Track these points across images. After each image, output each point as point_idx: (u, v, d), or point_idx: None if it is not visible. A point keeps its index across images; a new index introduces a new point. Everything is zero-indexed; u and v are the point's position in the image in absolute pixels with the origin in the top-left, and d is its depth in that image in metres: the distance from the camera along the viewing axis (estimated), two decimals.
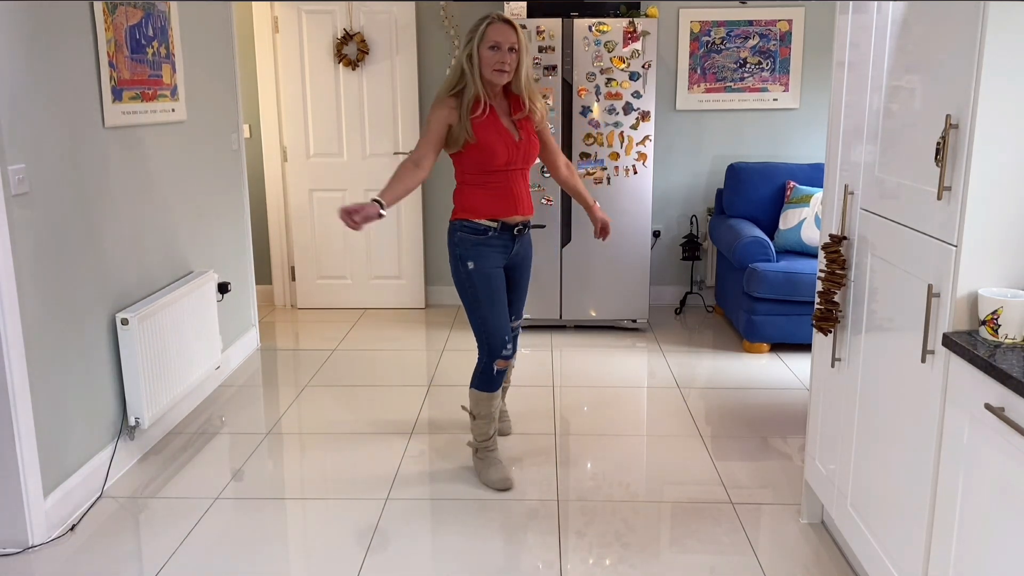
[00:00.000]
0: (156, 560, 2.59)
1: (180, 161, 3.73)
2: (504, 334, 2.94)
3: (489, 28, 2.76)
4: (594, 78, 4.62)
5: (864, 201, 2.29)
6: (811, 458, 2.71)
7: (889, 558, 2.11)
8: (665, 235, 5.45)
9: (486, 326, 2.93)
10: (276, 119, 5.30)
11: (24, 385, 2.59)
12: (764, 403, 3.85)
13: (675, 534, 2.73)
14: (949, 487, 1.79)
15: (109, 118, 3.09)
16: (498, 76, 2.79)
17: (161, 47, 3.50)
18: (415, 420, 3.67)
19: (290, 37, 5.18)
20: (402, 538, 2.72)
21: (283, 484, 3.10)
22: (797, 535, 2.72)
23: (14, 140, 2.56)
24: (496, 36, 2.76)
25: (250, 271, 4.65)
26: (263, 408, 3.85)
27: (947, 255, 1.81)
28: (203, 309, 3.75)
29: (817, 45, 5.15)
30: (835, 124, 2.51)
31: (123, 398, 3.19)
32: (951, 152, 1.78)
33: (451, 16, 5.19)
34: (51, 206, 2.75)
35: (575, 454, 3.33)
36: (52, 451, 2.76)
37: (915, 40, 1.98)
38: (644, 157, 4.71)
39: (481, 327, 2.94)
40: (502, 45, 2.76)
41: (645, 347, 4.68)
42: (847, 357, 2.41)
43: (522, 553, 2.62)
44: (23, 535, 2.63)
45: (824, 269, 2.50)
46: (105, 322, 3.09)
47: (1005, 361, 1.60)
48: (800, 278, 4.31)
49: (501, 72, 2.78)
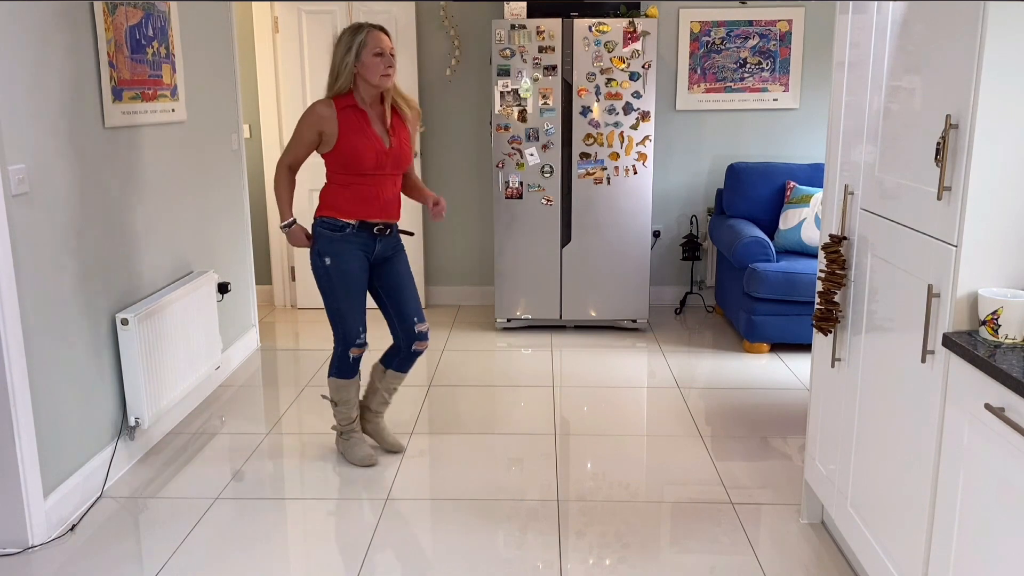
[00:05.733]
0: (156, 560, 2.59)
1: (180, 161, 3.73)
2: (358, 324, 3.11)
3: (370, 36, 2.92)
4: (594, 78, 4.62)
5: (864, 201, 2.29)
6: (811, 458, 2.71)
7: (889, 558, 2.11)
8: (665, 235, 5.45)
9: (341, 317, 3.09)
10: (276, 119, 5.30)
11: (24, 385, 2.59)
12: (764, 403, 3.85)
13: (675, 534, 2.73)
14: (949, 487, 1.79)
15: (109, 118, 3.09)
16: (385, 80, 2.95)
17: (161, 47, 3.50)
18: (415, 420, 3.67)
19: (290, 37, 5.19)
20: (402, 538, 2.72)
21: (283, 484, 3.10)
22: (797, 535, 2.72)
23: (14, 140, 2.56)
24: (379, 43, 2.93)
25: (250, 271, 4.65)
26: (263, 408, 3.85)
27: (947, 255, 1.81)
28: (203, 309, 3.75)
29: (817, 45, 5.15)
30: (835, 124, 2.51)
31: (123, 398, 3.19)
32: (951, 152, 1.78)
33: (451, 16, 5.19)
34: (51, 206, 2.75)
35: (575, 454, 3.33)
36: (52, 451, 2.76)
37: (915, 40, 1.98)
38: (644, 157, 4.71)
39: (336, 317, 3.10)
40: (385, 51, 2.94)
41: (645, 347, 4.68)
42: (847, 357, 2.41)
43: (522, 553, 2.62)
44: (23, 535, 2.63)
45: (824, 269, 2.50)
46: (105, 322, 3.09)
47: (1005, 361, 1.60)
48: (800, 278, 4.31)
49: (388, 76, 2.94)
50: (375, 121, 3.01)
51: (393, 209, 3.08)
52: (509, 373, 4.28)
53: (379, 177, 3.02)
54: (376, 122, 3.02)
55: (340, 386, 3.20)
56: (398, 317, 3.17)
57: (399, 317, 3.17)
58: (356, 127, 2.97)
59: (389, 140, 3.02)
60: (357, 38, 2.92)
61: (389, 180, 3.06)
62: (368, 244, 3.06)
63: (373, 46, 2.91)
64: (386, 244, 3.11)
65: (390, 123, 3.04)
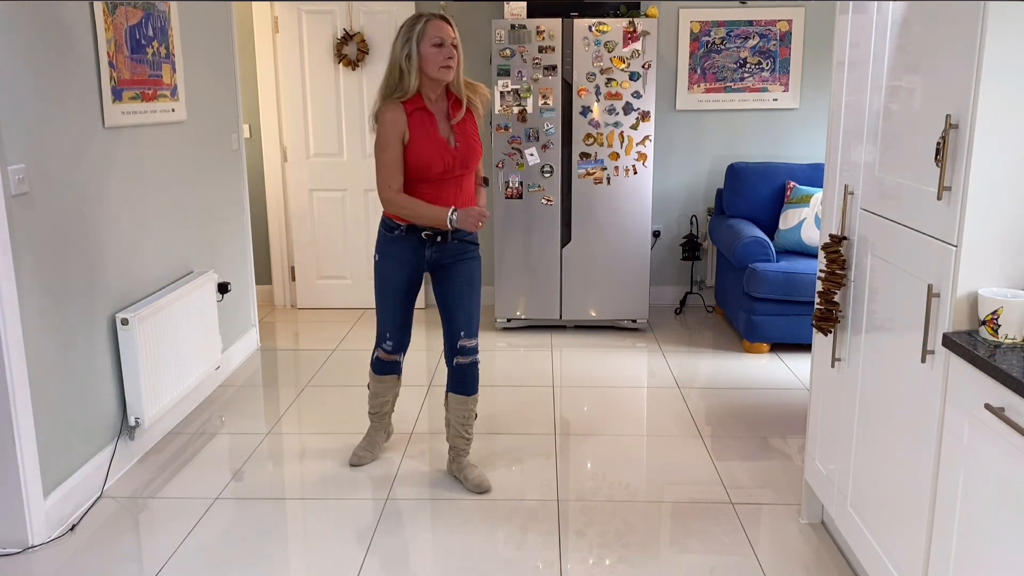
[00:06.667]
0: (156, 560, 2.59)
1: (180, 161, 3.73)
2: (386, 329, 3.05)
3: (429, 25, 2.73)
4: (594, 78, 4.62)
5: (864, 201, 2.29)
6: (811, 458, 2.71)
7: (889, 558, 2.11)
8: (665, 235, 5.45)
9: (378, 316, 3.06)
10: (276, 119, 5.30)
11: (24, 385, 2.59)
12: (764, 403, 3.85)
13: (675, 534, 2.73)
14: (949, 487, 1.79)
15: (109, 118, 3.09)
16: (445, 73, 2.75)
17: (161, 47, 3.50)
18: (415, 420, 3.67)
19: (290, 37, 5.19)
20: (402, 538, 2.72)
21: (283, 484, 3.10)
22: (797, 535, 2.72)
23: (14, 140, 2.56)
24: (438, 32, 2.73)
25: (250, 271, 4.65)
26: (263, 408, 3.85)
27: (947, 255, 1.81)
28: (203, 309, 3.75)
29: (817, 45, 5.15)
30: (835, 124, 2.51)
31: (123, 398, 3.19)
32: (951, 152, 1.78)
33: (451, 16, 5.18)
34: (51, 206, 2.75)
35: (575, 454, 3.33)
36: (52, 451, 2.76)
37: (915, 40, 1.98)
38: (644, 157, 4.71)
39: (377, 314, 3.07)
40: (445, 41, 2.74)
41: (645, 347, 4.68)
42: (847, 357, 2.41)
43: (522, 553, 2.62)
44: (23, 535, 2.64)
45: (824, 269, 2.50)
46: (105, 322, 3.09)
47: (1005, 361, 1.60)
48: (800, 278, 4.31)
49: (448, 68, 2.74)
50: (441, 120, 2.82)
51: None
52: (509, 373, 4.28)
53: (444, 182, 2.82)
54: (442, 121, 2.82)
55: (371, 376, 3.22)
56: (445, 327, 3.00)
57: (446, 327, 2.99)
58: (423, 131, 2.77)
59: (455, 140, 2.82)
60: (416, 28, 2.72)
61: (453, 184, 2.84)
62: (417, 249, 2.89)
63: (432, 36, 2.71)
64: (442, 251, 2.91)
65: (455, 119, 2.83)
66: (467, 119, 2.89)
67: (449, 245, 2.91)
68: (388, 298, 2.98)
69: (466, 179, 2.90)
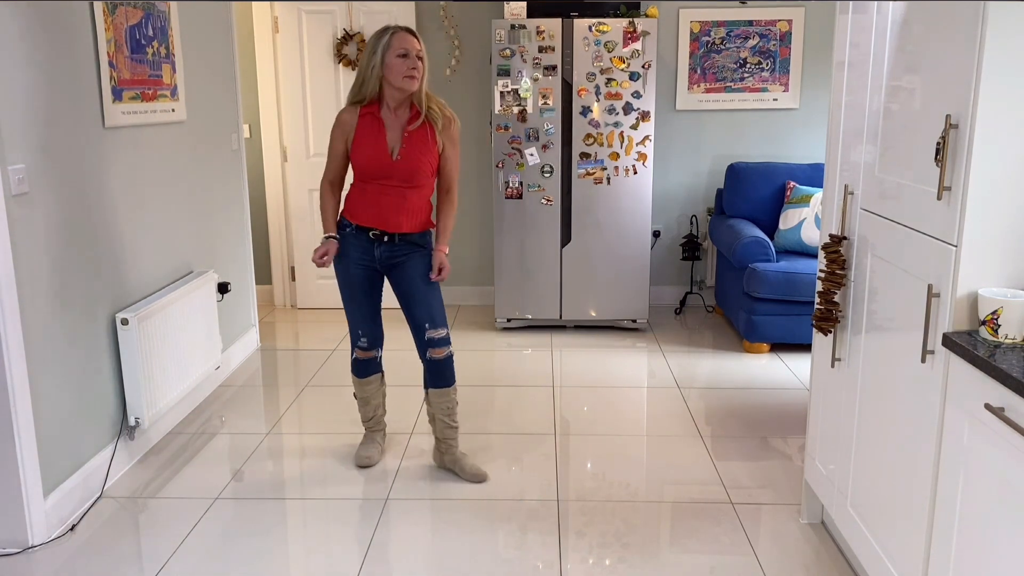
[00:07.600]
0: (156, 560, 2.59)
1: (180, 161, 3.73)
2: (357, 326, 3.13)
3: (394, 38, 2.86)
4: (594, 78, 4.62)
5: (864, 201, 2.29)
6: (811, 458, 2.71)
7: (889, 558, 2.11)
8: (665, 235, 5.45)
9: (347, 316, 3.15)
10: (276, 119, 5.30)
11: (24, 385, 2.59)
12: (764, 403, 3.85)
13: (675, 534, 2.73)
14: (949, 487, 1.79)
15: (109, 118, 3.09)
16: (409, 83, 2.86)
17: (161, 47, 3.50)
18: (415, 420, 3.67)
19: (290, 37, 5.19)
20: (402, 538, 2.72)
21: (283, 484, 3.10)
22: (797, 535, 2.72)
23: (14, 140, 2.56)
24: (403, 44, 2.86)
25: (250, 271, 4.65)
26: (263, 408, 3.85)
27: (947, 255, 1.81)
28: (203, 309, 3.75)
29: (817, 45, 5.15)
30: (835, 124, 2.51)
31: (123, 398, 3.19)
32: (951, 152, 1.78)
33: (451, 16, 5.19)
34: (51, 206, 2.75)
35: (575, 454, 3.33)
36: (52, 451, 2.76)
37: (915, 40, 1.98)
38: (644, 157, 4.71)
39: (347, 315, 3.15)
40: (410, 52, 2.86)
41: (645, 347, 4.68)
42: (847, 357, 2.41)
43: (522, 553, 2.62)
44: (23, 535, 2.64)
45: (824, 269, 2.50)
46: (105, 322, 3.09)
47: (1005, 361, 1.60)
48: (800, 278, 4.31)
49: (412, 79, 2.86)
50: (392, 129, 2.93)
51: (391, 219, 2.95)
52: (509, 373, 4.28)
53: (384, 188, 2.95)
54: (394, 130, 2.93)
55: (355, 383, 3.28)
56: (410, 324, 3.06)
57: (411, 324, 3.05)
58: (369, 133, 2.93)
59: (399, 152, 2.92)
60: (382, 40, 2.86)
61: (394, 192, 2.94)
62: (367, 248, 3.01)
63: (397, 47, 2.84)
64: (391, 251, 3.00)
65: (408, 133, 2.92)
66: (425, 137, 2.95)
67: (397, 245, 3.02)
68: (350, 294, 3.08)
69: (412, 193, 2.96)
